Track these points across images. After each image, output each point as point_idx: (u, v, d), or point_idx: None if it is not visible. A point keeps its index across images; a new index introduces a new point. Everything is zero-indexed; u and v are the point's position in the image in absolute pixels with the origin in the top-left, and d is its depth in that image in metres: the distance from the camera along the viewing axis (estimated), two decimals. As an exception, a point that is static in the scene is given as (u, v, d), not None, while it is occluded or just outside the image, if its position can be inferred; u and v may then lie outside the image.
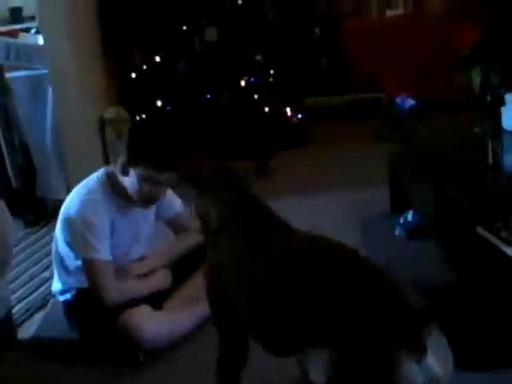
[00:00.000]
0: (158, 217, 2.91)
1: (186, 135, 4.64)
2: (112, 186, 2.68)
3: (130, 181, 2.61)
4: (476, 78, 3.15)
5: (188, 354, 2.59)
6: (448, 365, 1.53)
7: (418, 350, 1.45)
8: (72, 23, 4.45)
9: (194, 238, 2.88)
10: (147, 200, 2.68)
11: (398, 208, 3.64)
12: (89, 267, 2.60)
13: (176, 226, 2.97)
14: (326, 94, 5.87)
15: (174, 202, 2.92)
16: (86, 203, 2.62)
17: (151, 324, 2.56)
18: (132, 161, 2.58)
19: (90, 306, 2.63)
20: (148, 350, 2.56)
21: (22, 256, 3.73)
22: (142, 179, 2.58)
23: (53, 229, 2.85)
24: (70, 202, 2.69)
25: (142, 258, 2.89)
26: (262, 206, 2.01)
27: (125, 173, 2.61)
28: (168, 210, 2.90)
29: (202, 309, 2.75)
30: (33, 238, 4.00)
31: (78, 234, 2.60)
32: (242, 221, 1.94)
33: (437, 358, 1.48)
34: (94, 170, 2.81)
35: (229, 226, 1.95)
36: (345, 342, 1.51)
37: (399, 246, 3.35)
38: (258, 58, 5.22)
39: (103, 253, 2.58)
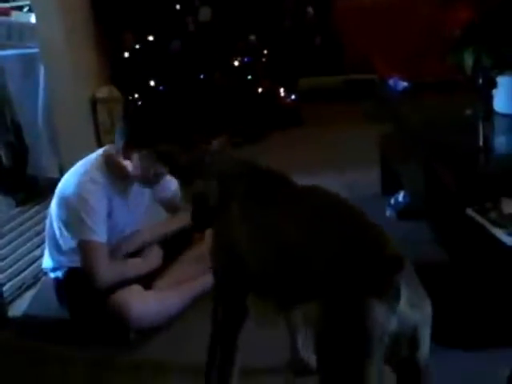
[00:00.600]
0: (154, 197, 2.92)
1: (178, 115, 4.64)
2: (110, 166, 2.68)
3: (132, 164, 2.62)
4: (468, 60, 3.13)
5: (178, 332, 2.61)
6: (424, 310, 1.56)
7: (389, 296, 1.47)
8: (64, 1, 4.41)
9: (185, 219, 2.91)
10: (149, 182, 2.70)
11: (388, 189, 3.64)
12: (84, 248, 2.60)
13: (171, 206, 2.97)
14: (319, 75, 5.85)
15: (170, 183, 2.90)
16: (84, 184, 2.61)
17: (141, 303, 2.57)
18: (134, 146, 2.59)
19: (80, 286, 2.64)
20: (138, 329, 2.57)
21: (12, 234, 3.72)
22: (145, 163, 2.59)
23: (44, 207, 2.86)
24: (68, 182, 2.69)
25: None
26: (263, 167, 2.04)
27: (126, 157, 2.61)
28: (164, 191, 2.90)
29: (191, 288, 2.79)
30: (24, 216, 3.98)
31: (74, 215, 2.59)
32: (248, 183, 1.97)
33: (410, 304, 1.50)
34: (86, 148, 2.83)
35: (235, 192, 1.97)
36: (324, 290, 1.54)
37: (390, 226, 3.33)
38: (252, 37, 5.20)
39: (99, 234, 2.59)
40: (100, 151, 2.74)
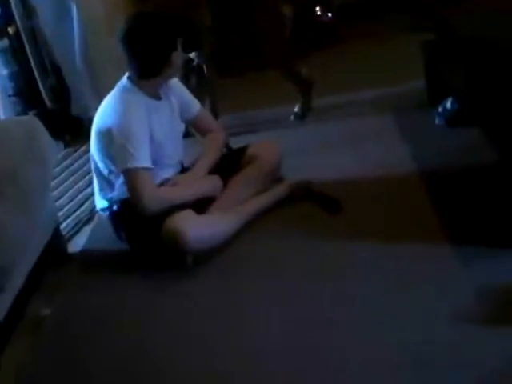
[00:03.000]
0: (182, 119, 2.96)
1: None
2: (140, 88, 2.69)
3: (178, 56, 2.69)
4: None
5: (232, 256, 2.64)
6: None
7: None
8: None
9: (218, 142, 3.02)
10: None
11: (435, 98, 3.56)
12: (128, 177, 2.62)
13: (199, 124, 3.05)
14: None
15: (193, 102, 2.99)
16: (121, 112, 2.63)
17: (194, 227, 2.58)
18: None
19: (135, 215, 2.64)
20: (193, 253, 2.60)
21: (64, 175, 3.78)
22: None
23: (91, 146, 2.86)
24: (104, 115, 2.70)
25: (183, 171, 2.93)
26: None
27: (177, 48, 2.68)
28: (190, 110, 2.96)
29: (243, 210, 2.81)
30: (73, 156, 4.04)
31: (116, 145, 2.60)
32: None
33: None
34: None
35: None
36: None
37: (440, 134, 3.31)
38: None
39: (142, 160, 2.60)
40: (124, 78, 2.74)
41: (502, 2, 3.18)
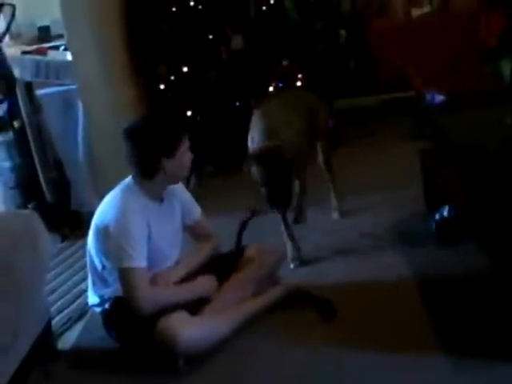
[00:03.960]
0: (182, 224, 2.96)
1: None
2: (141, 188, 2.71)
3: (174, 164, 2.67)
4: (505, 69, 3.10)
5: (226, 359, 2.59)
6: None
7: None
8: (99, 37, 4.48)
9: (211, 247, 2.99)
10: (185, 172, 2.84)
11: (432, 204, 3.59)
12: (123, 276, 2.61)
13: (196, 230, 3.01)
14: (353, 96, 5.84)
15: (194, 209, 3.00)
16: (120, 211, 2.64)
17: (186, 330, 2.55)
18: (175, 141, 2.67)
19: (127, 314, 2.63)
20: (186, 356, 2.55)
21: (59, 269, 3.76)
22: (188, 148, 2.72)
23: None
24: (104, 212, 2.72)
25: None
26: None
27: (171, 156, 2.65)
28: (190, 216, 2.97)
29: (238, 313, 2.77)
30: (69, 250, 4.03)
31: (113, 244, 2.61)
32: None
33: None
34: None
35: None
36: None
37: (436, 241, 3.33)
38: (285, 63, 5.22)
39: (138, 260, 2.59)
40: (128, 178, 2.77)
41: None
